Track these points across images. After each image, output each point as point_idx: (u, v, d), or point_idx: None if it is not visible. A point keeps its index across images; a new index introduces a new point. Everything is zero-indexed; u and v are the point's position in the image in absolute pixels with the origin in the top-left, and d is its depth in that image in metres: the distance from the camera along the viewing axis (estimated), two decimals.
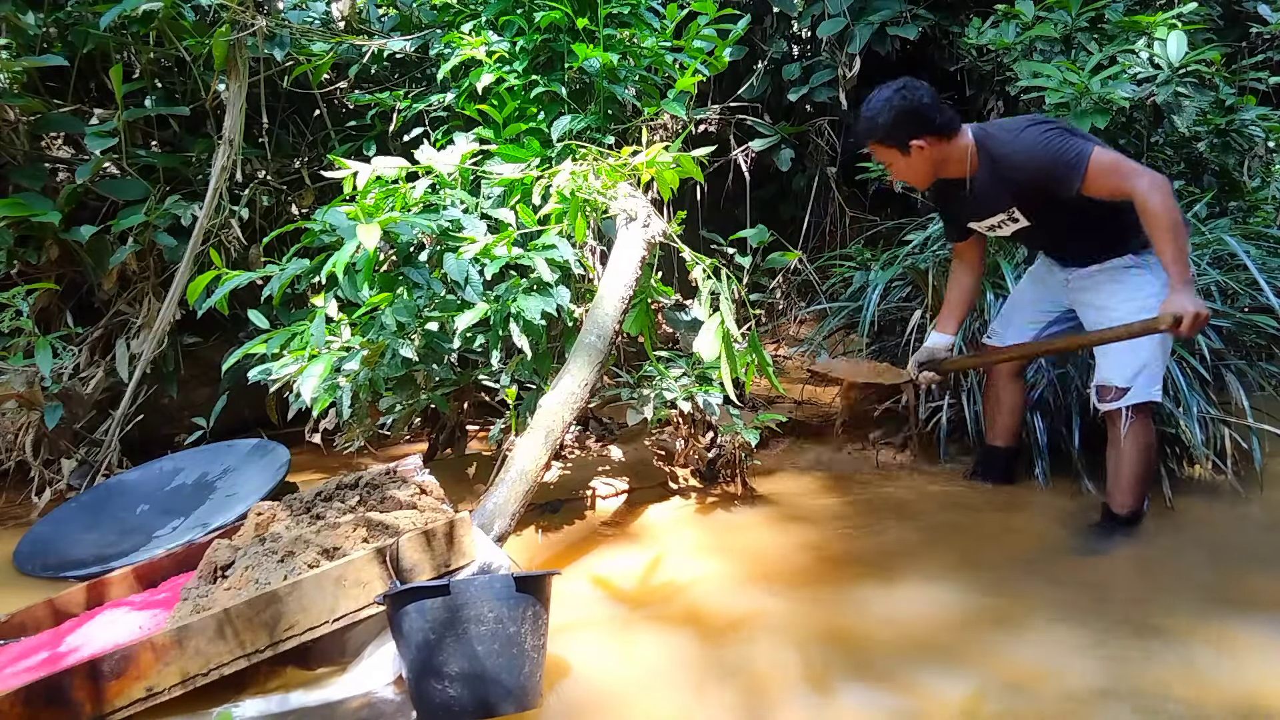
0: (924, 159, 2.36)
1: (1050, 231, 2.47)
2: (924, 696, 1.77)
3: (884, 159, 2.40)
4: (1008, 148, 2.31)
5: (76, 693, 1.61)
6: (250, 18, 3.04)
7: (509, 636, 1.67)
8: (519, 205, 2.57)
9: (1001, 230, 2.49)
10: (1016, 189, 2.34)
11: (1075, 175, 2.20)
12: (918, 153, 2.34)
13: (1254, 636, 1.94)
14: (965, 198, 2.44)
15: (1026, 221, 2.42)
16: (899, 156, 2.36)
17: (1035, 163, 2.26)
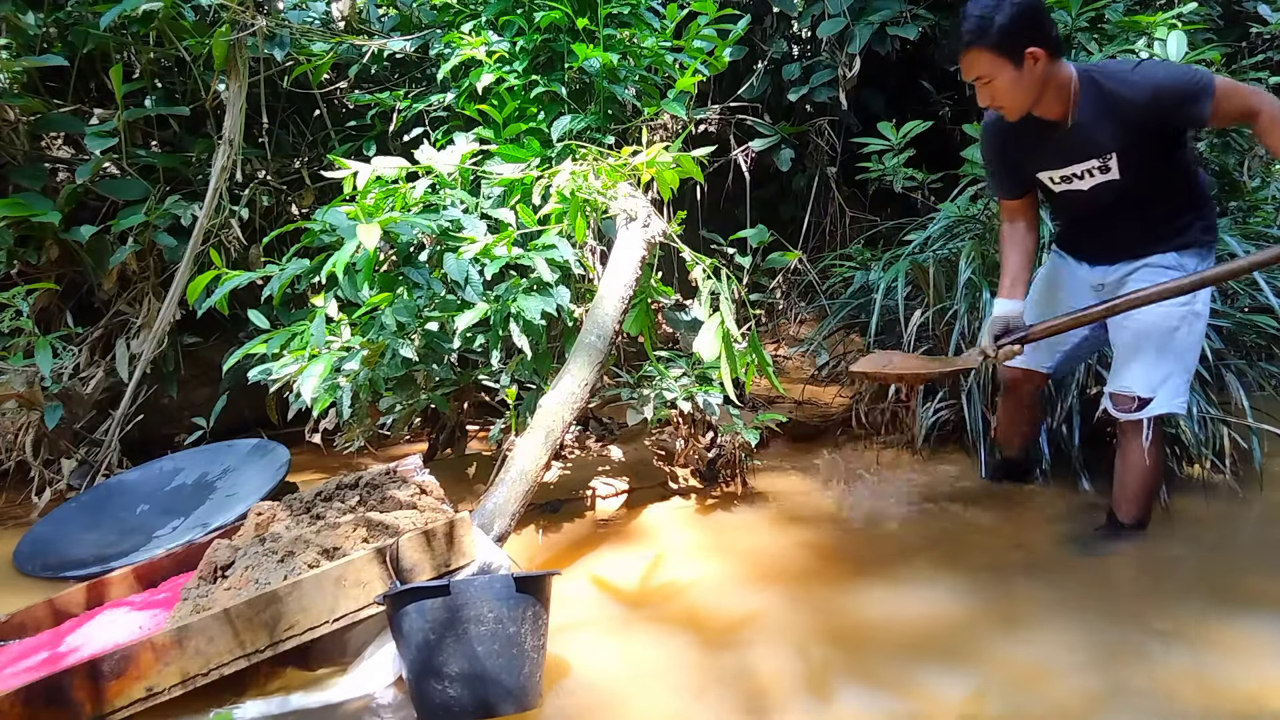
0: (1035, 76, 2.05)
1: (1133, 193, 2.19)
2: (924, 697, 1.77)
3: (985, 72, 2.04)
4: (1125, 77, 2.07)
5: (76, 693, 1.61)
6: (250, 18, 3.04)
7: (509, 637, 1.67)
8: (519, 205, 2.57)
9: (1079, 183, 2.22)
10: (1130, 123, 2.09)
11: (1206, 95, 2.00)
12: (1031, 65, 2.03)
13: (1254, 636, 1.94)
14: (1054, 139, 2.17)
15: (1117, 174, 2.16)
16: (1008, 69, 2.03)
17: (1162, 87, 2.03)
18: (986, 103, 2.12)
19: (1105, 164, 2.17)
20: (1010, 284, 2.34)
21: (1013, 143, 2.27)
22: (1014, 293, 2.32)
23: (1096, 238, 2.35)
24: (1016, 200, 2.37)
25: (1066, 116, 2.13)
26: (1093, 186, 2.21)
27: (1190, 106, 2.03)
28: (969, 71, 2.08)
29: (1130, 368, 2.27)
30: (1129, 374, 2.27)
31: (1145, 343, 2.24)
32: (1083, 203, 2.26)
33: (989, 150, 2.35)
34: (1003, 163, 2.34)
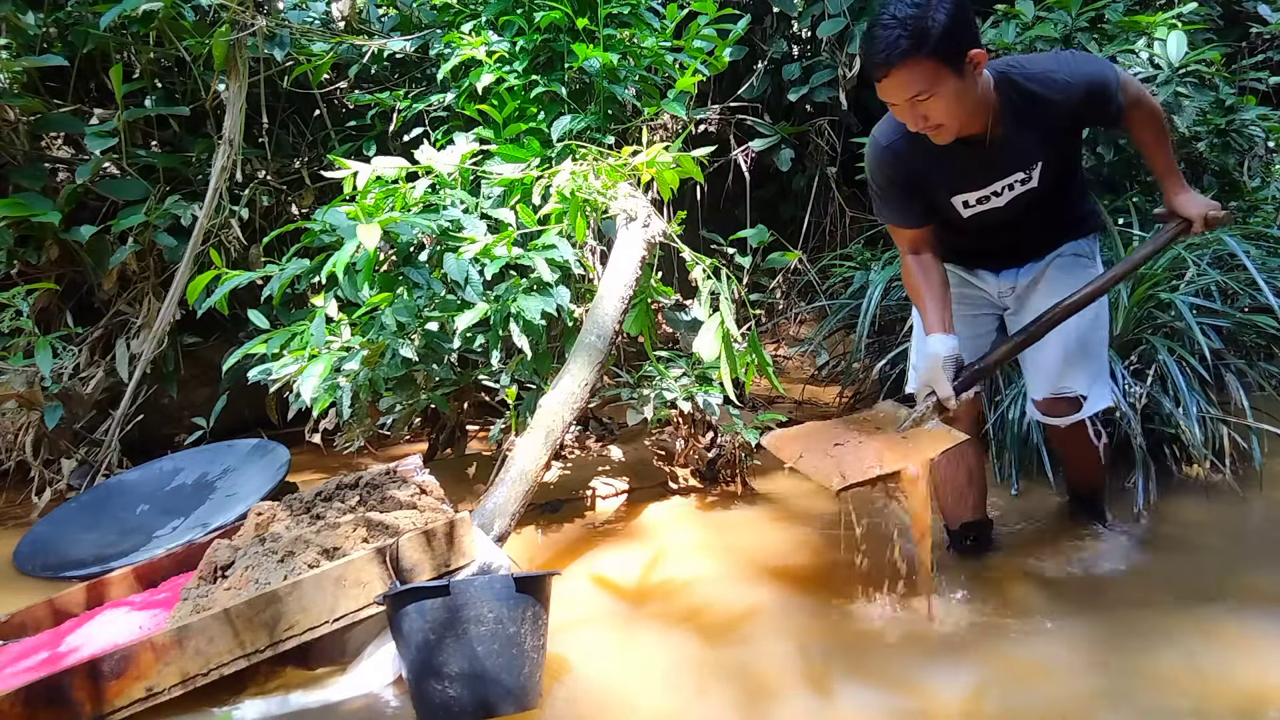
0: (974, 83, 1.76)
1: (1047, 198, 2.01)
2: (924, 695, 1.77)
3: (924, 87, 1.70)
4: (1051, 77, 1.84)
5: (76, 693, 1.61)
6: (250, 18, 3.04)
7: (509, 637, 1.67)
8: (519, 205, 2.57)
9: (996, 200, 1.98)
10: (1056, 127, 1.89)
11: (1120, 83, 1.87)
12: (971, 72, 1.73)
13: (1254, 635, 1.94)
14: (975, 157, 1.90)
15: (1037, 183, 1.96)
16: (950, 80, 1.70)
17: (1093, 81, 1.84)
18: (918, 125, 1.78)
19: (1029, 175, 1.95)
20: (939, 317, 2.00)
21: (923, 168, 1.94)
22: (947, 325, 1.99)
23: (1005, 247, 2.14)
24: (921, 229, 2.05)
25: (987, 131, 1.86)
26: (1010, 200, 1.99)
27: (1116, 97, 1.87)
28: (900, 90, 1.71)
29: (1063, 367, 2.11)
30: (1065, 373, 2.11)
31: (1071, 339, 2.09)
32: (995, 219, 2.02)
33: (887, 178, 2.00)
34: (908, 191, 2.00)
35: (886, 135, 1.97)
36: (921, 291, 2.04)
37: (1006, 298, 2.22)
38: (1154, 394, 2.67)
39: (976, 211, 2.02)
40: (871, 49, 1.70)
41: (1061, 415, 2.16)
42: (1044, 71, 1.86)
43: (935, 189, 2.00)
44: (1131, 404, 2.63)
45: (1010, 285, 2.19)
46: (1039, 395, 2.17)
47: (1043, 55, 1.97)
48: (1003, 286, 2.20)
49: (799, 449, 1.98)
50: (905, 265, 2.09)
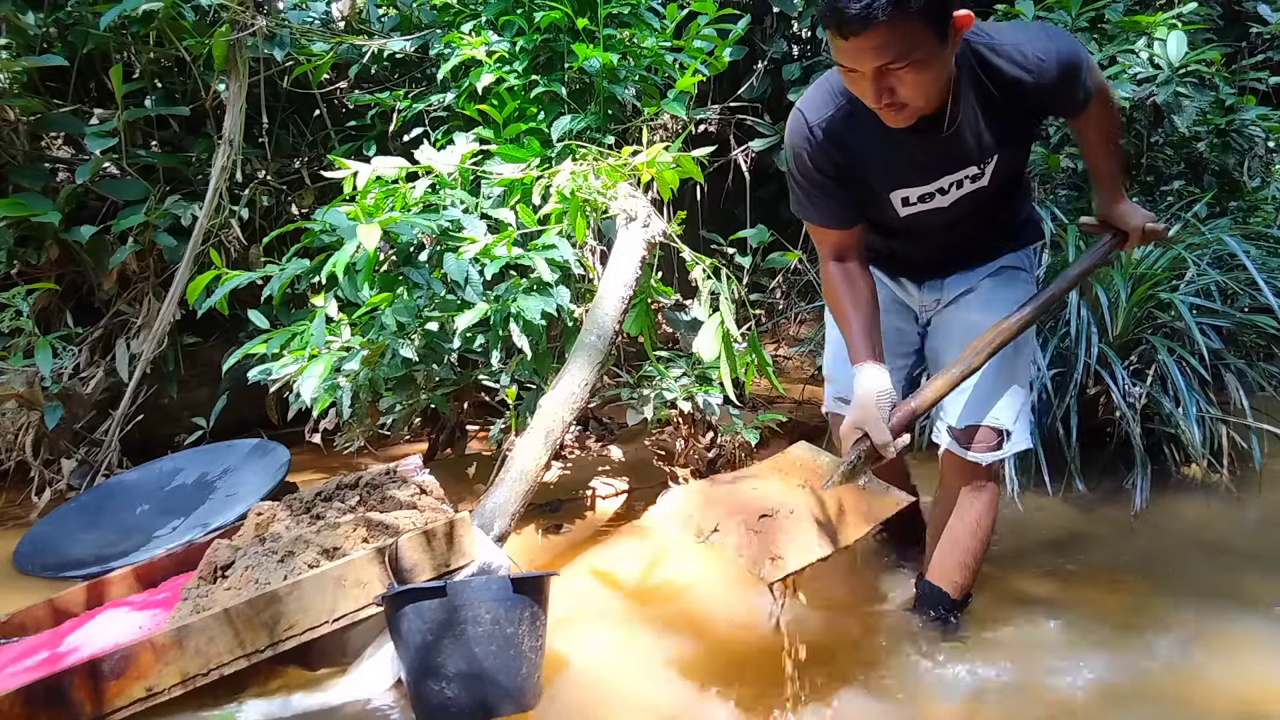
0: (952, 53, 1.49)
1: (993, 199, 1.76)
2: (924, 695, 1.77)
3: (901, 54, 1.40)
4: (1022, 50, 1.56)
5: (76, 693, 1.61)
6: (250, 18, 3.04)
7: (506, 637, 1.67)
8: (519, 205, 2.57)
9: (940, 199, 1.70)
10: (1021, 112, 1.62)
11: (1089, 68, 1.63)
12: (955, 36, 1.47)
13: (1254, 636, 1.94)
14: (926, 145, 1.61)
15: (987, 180, 1.69)
16: (930, 46, 1.42)
17: (1064, 56, 1.56)
18: (879, 100, 1.46)
19: (982, 171, 1.68)
20: (868, 342, 1.69)
21: (861, 155, 1.65)
22: (877, 352, 1.69)
23: (936, 255, 1.87)
24: (848, 230, 1.74)
25: (944, 113, 1.57)
26: (956, 200, 1.71)
27: (1086, 81, 1.62)
28: (872, 55, 1.40)
29: (989, 396, 1.81)
30: (991, 404, 1.81)
31: (1007, 366, 1.82)
32: (934, 221, 1.75)
33: (815, 166, 1.66)
34: (839, 183, 1.68)
35: (817, 111, 1.63)
36: (846, 310, 1.72)
37: (929, 313, 1.95)
38: (1154, 394, 2.67)
39: (915, 211, 1.73)
40: (838, 5, 1.37)
41: (984, 449, 1.83)
42: (1014, 44, 1.57)
43: (872, 182, 1.68)
44: (1131, 404, 2.64)
45: (934, 299, 1.92)
46: (962, 422, 1.83)
47: (1010, 25, 1.65)
48: (925, 300, 1.93)
49: (713, 517, 1.62)
50: (826, 274, 1.76)
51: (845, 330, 1.74)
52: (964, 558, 1.91)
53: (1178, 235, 1.99)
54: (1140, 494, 2.59)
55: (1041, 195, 3.43)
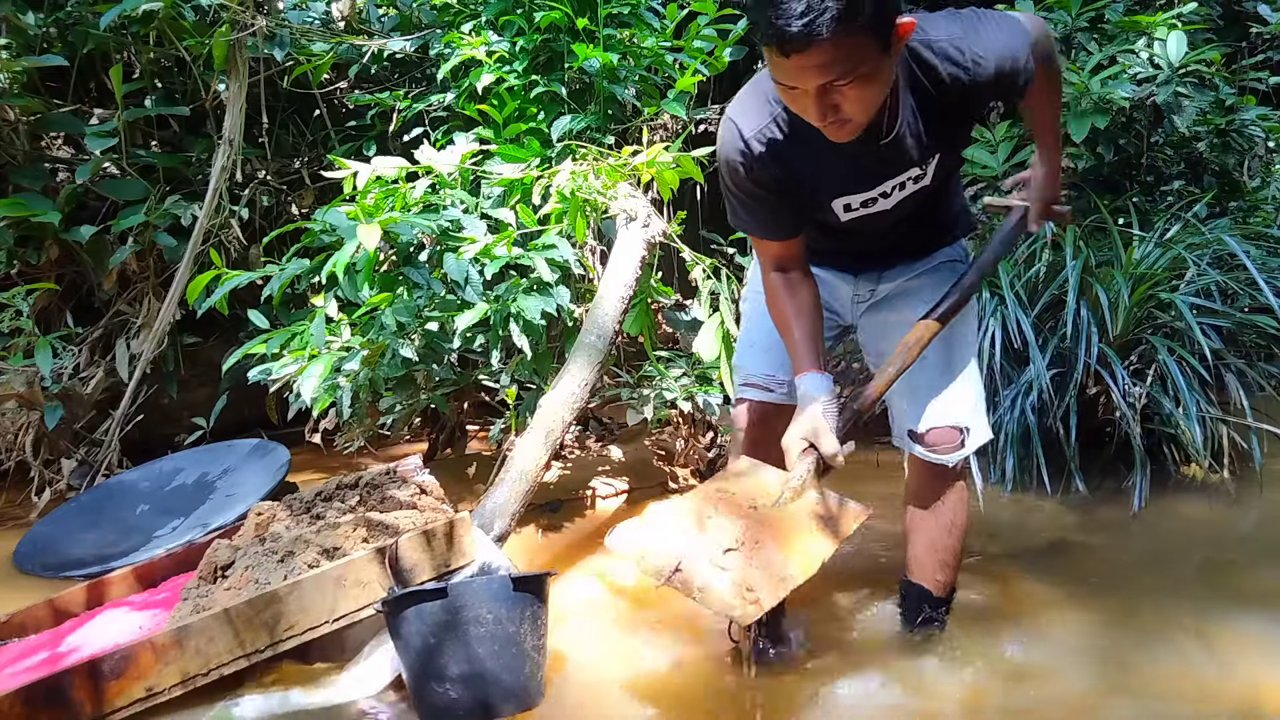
0: (895, 62, 1.41)
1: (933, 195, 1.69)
2: (923, 695, 1.77)
3: (846, 69, 1.31)
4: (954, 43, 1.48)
5: (76, 693, 1.61)
6: (250, 18, 3.04)
7: (508, 637, 1.67)
8: (519, 205, 2.57)
9: (883, 202, 1.64)
10: (958, 114, 1.55)
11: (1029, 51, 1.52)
12: (897, 45, 1.38)
13: (1254, 636, 1.94)
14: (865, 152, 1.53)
15: (929, 180, 1.63)
16: (875, 59, 1.33)
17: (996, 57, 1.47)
18: (824, 118, 1.38)
19: (925, 170, 1.62)
20: (812, 351, 1.65)
21: (801, 167, 1.57)
22: (821, 360, 1.65)
23: (876, 249, 1.82)
24: (790, 240, 1.67)
25: (884, 119, 1.50)
26: (899, 201, 1.66)
27: (1026, 66, 1.52)
28: (816, 73, 1.31)
29: (940, 395, 1.76)
30: (944, 403, 1.76)
31: (953, 361, 1.77)
32: (876, 222, 1.69)
33: (754, 181, 1.58)
34: (779, 195, 1.60)
35: (751, 121, 1.54)
36: (789, 319, 1.67)
37: (861, 303, 1.88)
38: (1154, 394, 2.67)
39: (857, 215, 1.67)
40: (782, 12, 1.25)
41: (947, 450, 1.76)
42: (950, 40, 1.48)
43: (812, 190, 1.61)
44: (1131, 404, 2.63)
45: (870, 288, 1.86)
46: (924, 426, 1.76)
47: (947, 16, 1.53)
48: (860, 290, 1.87)
49: (671, 555, 1.46)
50: (769, 285, 1.71)
51: (787, 338, 1.69)
52: (944, 556, 1.88)
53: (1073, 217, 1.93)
54: (1140, 494, 2.59)
55: None
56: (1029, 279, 2.91)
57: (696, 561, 1.45)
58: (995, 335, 2.77)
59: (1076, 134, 2.99)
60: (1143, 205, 3.20)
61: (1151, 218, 3.16)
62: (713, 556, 1.45)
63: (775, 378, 1.81)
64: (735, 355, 1.98)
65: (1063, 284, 2.82)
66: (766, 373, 1.83)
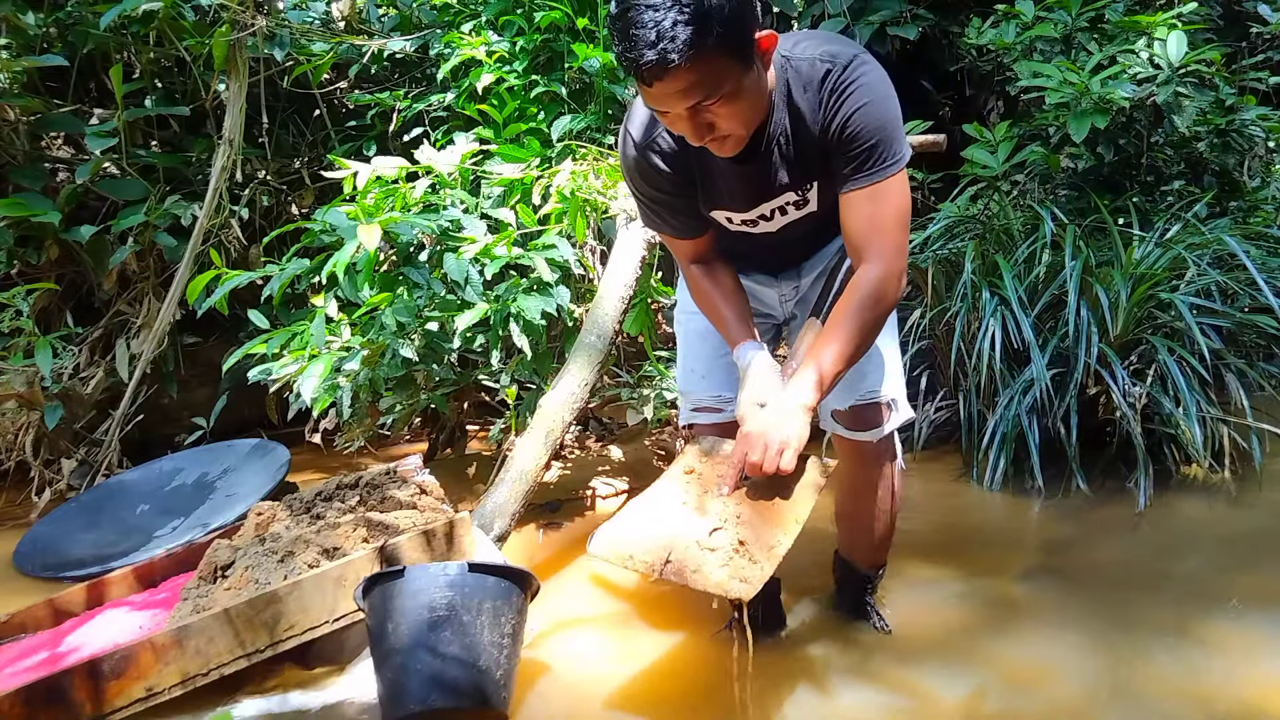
0: (763, 75, 1.40)
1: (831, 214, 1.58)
2: (924, 695, 1.77)
3: (712, 89, 1.30)
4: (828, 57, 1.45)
5: (76, 693, 1.61)
6: (250, 18, 3.04)
7: (463, 625, 1.62)
8: (519, 205, 2.57)
9: (765, 225, 1.63)
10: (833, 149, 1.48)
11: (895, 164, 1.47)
12: (763, 57, 1.38)
13: (1254, 636, 1.94)
14: (738, 171, 1.52)
15: (815, 205, 1.59)
16: (738, 75, 1.32)
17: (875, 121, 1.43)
18: (702, 138, 1.38)
19: (804, 195, 1.57)
20: (744, 325, 1.65)
21: (685, 174, 1.56)
22: (753, 334, 1.65)
23: (779, 260, 1.79)
24: (701, 237, 1.68)
25: (760, 137, 1.47)
26: (785, 225, 1.63)
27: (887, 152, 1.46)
28: (680, 97, 1.30)
29: (861, 370, 1.67)
30: (865, 377, 1.70)
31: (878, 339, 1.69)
32: (767, 240, 1.67)
33: (652, 187, 1.59)
34: (678, 197, 1.60)
35: (642, 131, 1.55)
36: (715, 302, 1.67)
37: (789, 302, 1.85)
38: (1154, 394, 2.67)
39: (742, 231, 1.66)
40: (635, 43, 1.25)
41: (870, 426, 1.73)
42: (825, 55, 1.44)
43: (704, 198, 1.61)
44: (1131, 404, 2.63)
45: (793, 285, 1.83)
46: (843, 404, 1.72)
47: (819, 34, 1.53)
48: (785, 289, 1.84)
49: (658, 552, 1.43)
50: (691, 277, 1.72)
51: (720, 323, 1.68)
52: (875, 539, 1.89)
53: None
54: (1143, 494, 2.59)
55: (1041, 195, 3.43)
56: (1029, 279, 2.91)
57: (685, 548, 1.43)
58: (995, 335, 2.77)
59: (1076, 134, 2.99)
60: (1143, 205, 3.20)
61: (1151, 218, 3.16)
62: (700, 538, 1.44)
63: (723, 397, 1.80)
64: (679, 382, 1.92)
65: (1063, 284, 2.82)
66: (714, 394, 1.81)
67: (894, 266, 1.47)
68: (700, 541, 1.44)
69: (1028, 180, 3.53)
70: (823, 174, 1.53)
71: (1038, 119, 3.36)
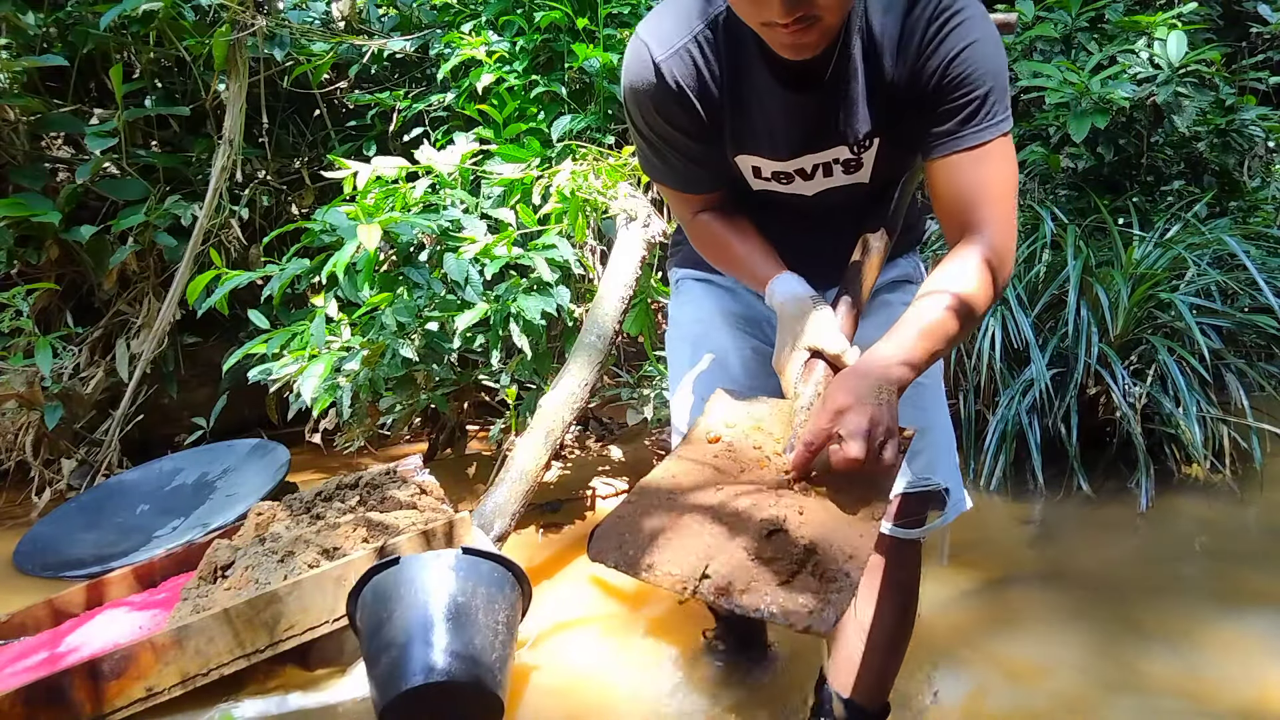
0: None
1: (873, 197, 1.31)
2: (924, 695, 1.77)
3: None
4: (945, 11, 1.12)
5: (76, 693, 1.61)
6: (250, 18, 3.04)
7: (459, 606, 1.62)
8: (519, 205, 2.57)
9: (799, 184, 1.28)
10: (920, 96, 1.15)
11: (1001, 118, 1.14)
12: None
13: (1254, 636, 1.94)
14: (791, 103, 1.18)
15: (867, 178, 1.27)
16: None
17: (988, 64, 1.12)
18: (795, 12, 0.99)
19: (858, 156, 1.24)
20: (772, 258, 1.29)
21: (714, 100, 1.20)
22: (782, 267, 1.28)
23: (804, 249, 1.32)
24: (711, 194, 1.34)
25: (829, 59, 1.14)
26: (822, 193, 1.29)
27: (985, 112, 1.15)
28: None
29: (920, 445, 1.35)
30: (923, 450, 1.36)
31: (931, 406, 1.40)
32: (793, 211, 1.33)
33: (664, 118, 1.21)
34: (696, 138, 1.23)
35: (665, 40, 1.17)
36: (730, 243, 1.32)
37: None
38: (1154, 394, 2.67)
39: (769, 188, 1.30)
40: None
41: (918, 521, 1.36)
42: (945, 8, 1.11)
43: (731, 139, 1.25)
44: (1131, 404, 2.64)
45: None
46: (896, 488, 1.35)
47: None
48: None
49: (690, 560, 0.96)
50: (697, 229, 1.35)
51: (739, 265, 1.31)
52: (884, 661, 1.44)
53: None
54: (1145, 494, 2.59)
55: (1041, 195, 3.43)
56: (1029, 279, 2.91)
57: (729, 555, 0.96)
58: (995, 335, 2.77)
59: (1076, 134, 2.99)
60: (1143, 205, 3.20)
61: (1151, 218, 3.16)
62: (750, 542, 0.97)
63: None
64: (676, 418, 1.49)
65: (1063, 284, 2.82)
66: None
67: (1010, 242, 1.15)
68: (751, 547, 0.97)
69: (1028, 180, 3.53)
70: (891, 130, 1.20)
71: (1038, 119, 3.36)
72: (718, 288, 1.49)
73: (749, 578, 0.95)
